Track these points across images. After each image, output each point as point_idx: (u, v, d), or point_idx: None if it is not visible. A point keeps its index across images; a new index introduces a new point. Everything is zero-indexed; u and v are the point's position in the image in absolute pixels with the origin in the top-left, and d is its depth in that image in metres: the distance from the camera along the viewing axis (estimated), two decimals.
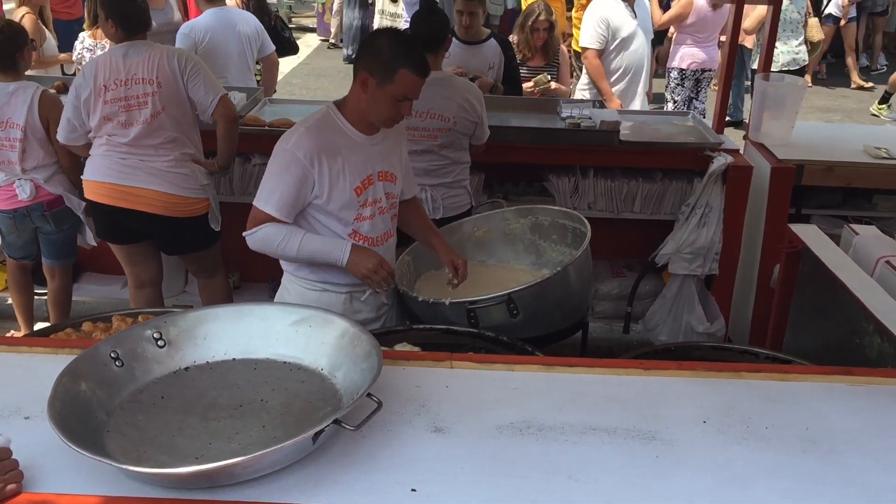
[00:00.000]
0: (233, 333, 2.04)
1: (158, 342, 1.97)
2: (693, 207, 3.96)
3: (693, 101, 7.10)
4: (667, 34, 8.17)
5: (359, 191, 2.57)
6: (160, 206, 3.54)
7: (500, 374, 2.06)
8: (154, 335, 1.97)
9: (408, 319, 2.83)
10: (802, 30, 7.87)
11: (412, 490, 1.61)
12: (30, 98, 3.70)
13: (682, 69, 7.07)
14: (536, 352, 2.38)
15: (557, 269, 2.71)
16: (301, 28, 13.86)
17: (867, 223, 3.39)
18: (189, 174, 3.58)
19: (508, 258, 3.21)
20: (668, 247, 4.04)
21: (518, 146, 3.90)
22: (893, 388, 2.05)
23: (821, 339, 2.79)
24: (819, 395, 2.01)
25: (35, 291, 4.31)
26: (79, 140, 3.60)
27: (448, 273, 2.78)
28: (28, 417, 1.81)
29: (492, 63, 4.67)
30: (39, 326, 4.13)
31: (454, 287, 2.76)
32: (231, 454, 1.61)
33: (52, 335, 2.43)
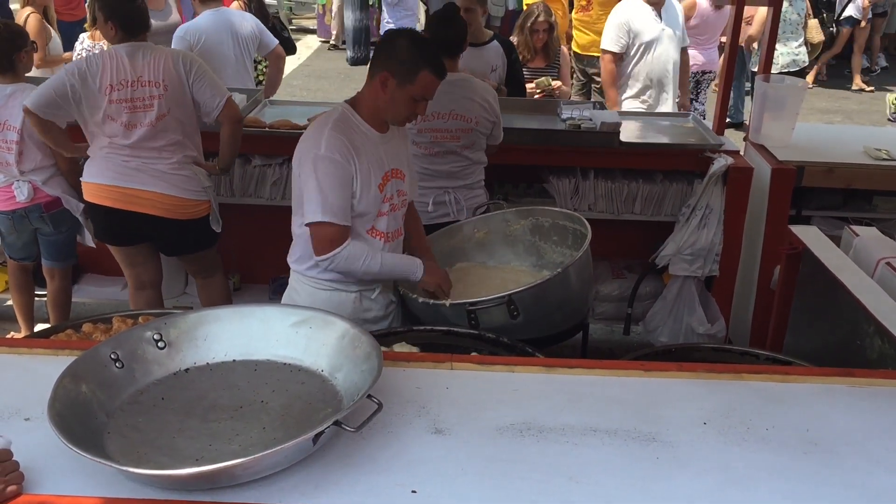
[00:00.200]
0: (233, 335, 2.04)
1: (159, 343, 1.97)
2: (693, 209, 3.96)
3: (693, 103, 7.10)
4: None
5: (381, 187, 2.60)
6: (163, 209, 3.54)
7: (501, 376, 2.06)
8: (154, 336, 1.97)
9: (408, 321, 2.83)
10: (802, 31, 7.86)
11: (412, 492, 1.61)
12: None
13: None
14: (537, 353, 2.38)
15: (558, 271, 2.71)
16: (301, 29, 13.86)
17: (867, 224, 3.38)
18: (192, 176, 3.58)
19: (509, 259, 3.20)
20: (669, 248, 4.04)
21: (518, 147, 3.89)
22: (894, 390, 2.05)
23: (821, 341, 2.79)
24: (820, 397, 2.01)
25: (35, 293, 4.32)
26: (52, 118, 3.43)
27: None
28: (28, 419, 1.81)
29: (494, 65, 4.65)
30: (40, 328, 4.13)
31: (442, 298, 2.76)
32: (231, 456, 1.61)
33: (53, 336, 2.43)
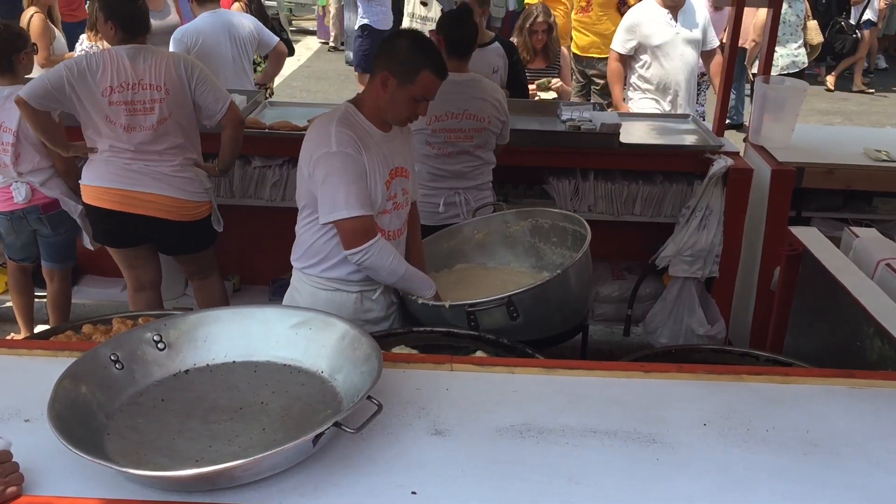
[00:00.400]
0: (233, 336, 2.04)
1: (158, 345, 1.97)
2: (693, 210, 3.96)
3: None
4: None
5: (388, 184, 2.61)
6: (167, 211, 3.54)
7: (501, 377, 2.06)
8: (154, 338, 1.97)
9: (408, 322, 2.82)
10: (801, 33, 7.87)
11: (412, 493, 1.61)
12: None
13: None
14: (536, 354, 2.38)
15: (557, 272, 2.71)
16: (301, 31, 13.86)
17: (867, 226, 3.38)
18: (193, 178, 3.59)
19: (508, 261, 3.20)
20: (669, 249, 4.04)
21: (518, 149, 3.89)
22: (894, 391, 2.05)
23: (821, 342, 2.78)
24: (820, 398, 2.01)
25: (35, 294, 4.31)
26: (45, 108, 3.40)
27: None
28: (28, 420, 1.81)
29: (496, 67, 4.64)
30: (40, 329, 4.13)
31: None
32: (231, 457, 1.62)
33: (53, 338, 2.43)
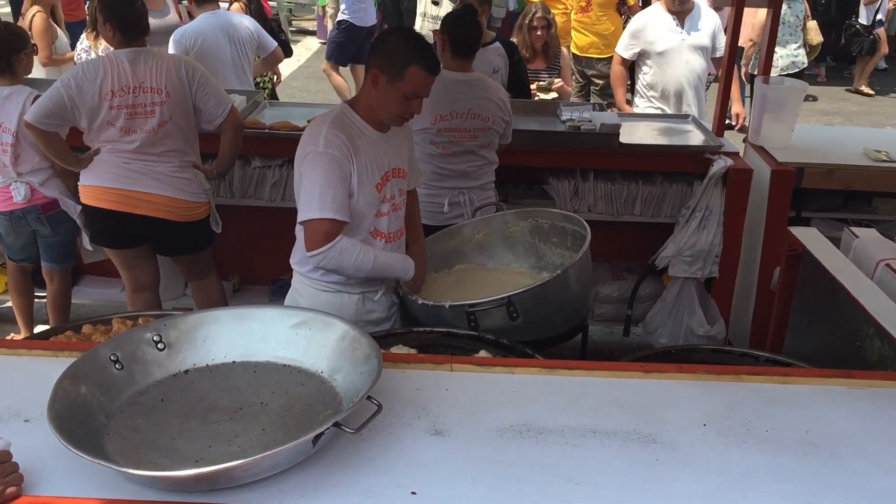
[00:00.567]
0: (233, 336, 2.04)
1: (158, 345, 1.97)
2: (693, 210, 3.96)
3: None
4: None
5: (379, 187, 2.59)
6: (165, 211, 3.54)
7: (501, 377, 2.06)
8: (154, 338, 1.97)
9: (407, 322, 2.82)
10: (801, 33, 7.87)
11: (412, 493, 1.61)
12: (22, 103, 3.67)
13: None
14: (536, 355, 2.38)
15: (557, 272, 2.70)
16: (301, 31, 13.84)
17: (867, 226, 3.38)
18: (192, 179, 3.59)
19: (508, 261, 3.20)
20: (669, 250, 4.04)
21: (518, 149, 3.89)
22: (894, 391, 2.05)
23: (821, 342, 2.79)
24: (819, 398, 2.01)
25: (35, 294, 4.31)
26: (53, 128, 3.42)
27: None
28: (28, 420, 1.81)
29: (496, 67, 4.63)
30: (39, 329, 4.13)
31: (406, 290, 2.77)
32: (231, 457, 1.62)
33: (52, 338, 2.43)
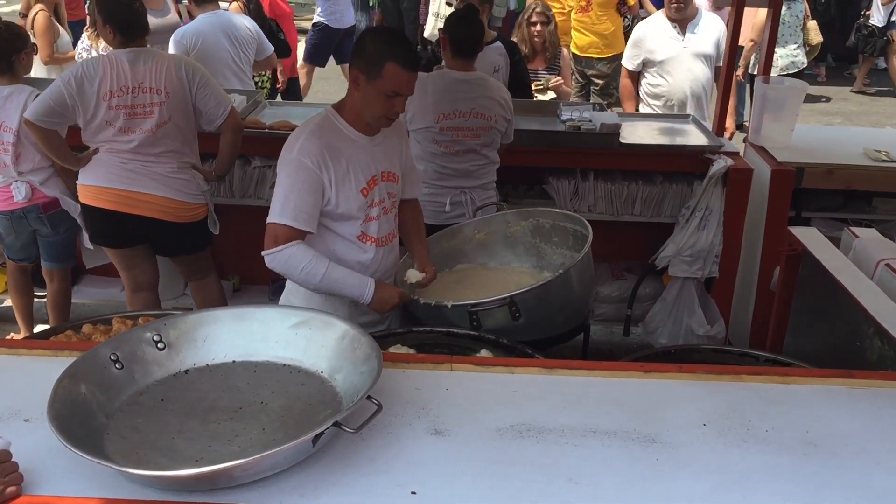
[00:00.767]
0: (233, 336, 2.04)
1: (158, 345, 1.97)
2: (693, 210, 3.96)
3: None
4: None
5: (365, 192, 2.57)
6: (162, 211, 3.54)
7: (501, 377, 2.06)
8: (154, 338, 1.97)
9: (408, 321, 2.82)
10: (801, 33, 7.87)
11: (412, 493, 1.61)
12: (23, 102, 3.67)
13: None
14: (536, 354, 2.37)
15: (560, 272, 2.70)
16: (301, 31, 13.83)
17: (867, 226, 3.38)
18: (190, 180, 3.59)
19: (509, 261, 3.20)
20: (669, 249, 4.04)
21: (518, 149, 3.89)
22: (894, 391, 2.05)
23: (821, 342, 2.79)
24: (819, 398, 2.01)
25: (35, 294, 4.31)
26: (52, 126, 3.43)
27: (416, 271, 2.81)
28: (28, 420, 1.81)
29: (497, 66, 4.63)
30: (39, 329, 4.13)
31: (418, 286, 2.79)
32: (231, 457, 1.61)
33: (52, 337, 2.43)
